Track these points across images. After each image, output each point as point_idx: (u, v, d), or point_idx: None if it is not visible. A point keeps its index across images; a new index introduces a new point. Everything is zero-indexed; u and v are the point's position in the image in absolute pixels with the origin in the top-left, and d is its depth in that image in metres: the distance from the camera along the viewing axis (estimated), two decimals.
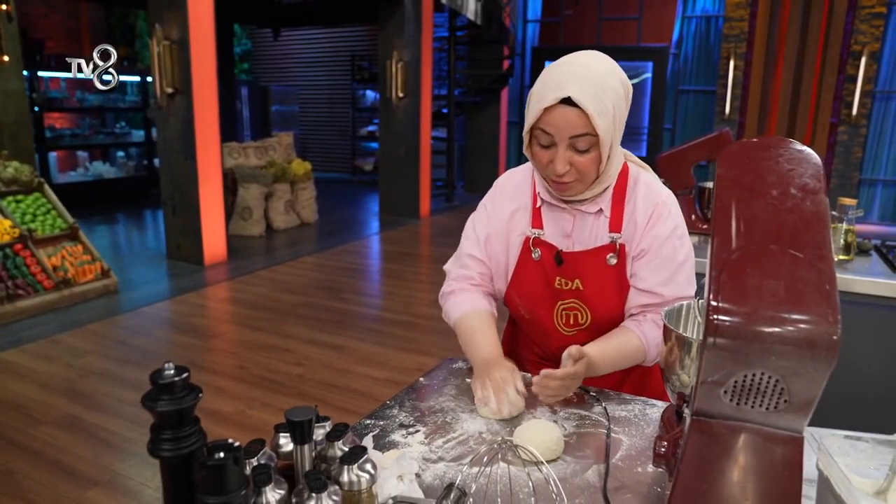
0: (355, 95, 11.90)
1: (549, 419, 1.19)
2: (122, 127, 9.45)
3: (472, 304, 1.45)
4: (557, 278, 1.38)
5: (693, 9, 9.19)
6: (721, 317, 0.73)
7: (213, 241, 5.92)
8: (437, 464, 1.04)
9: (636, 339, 1.32)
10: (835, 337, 0.70)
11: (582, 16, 9.90)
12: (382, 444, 1.10)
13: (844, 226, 2.55)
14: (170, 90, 5.54)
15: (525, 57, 10.39)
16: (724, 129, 2.94)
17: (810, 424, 0.92)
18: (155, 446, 0.69)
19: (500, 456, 1.02)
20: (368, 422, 1.18)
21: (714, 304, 0.74)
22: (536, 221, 1.41)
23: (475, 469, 1.01)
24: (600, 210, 1.36)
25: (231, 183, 7.15)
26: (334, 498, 0.76)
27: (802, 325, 0.71)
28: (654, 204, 1.34)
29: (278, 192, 7.48)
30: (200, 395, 0.71)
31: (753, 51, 8.43)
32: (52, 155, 8.38)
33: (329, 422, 0.93)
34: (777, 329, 0.71)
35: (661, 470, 1.02)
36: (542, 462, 0.87)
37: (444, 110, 9.29)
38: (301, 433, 0.81)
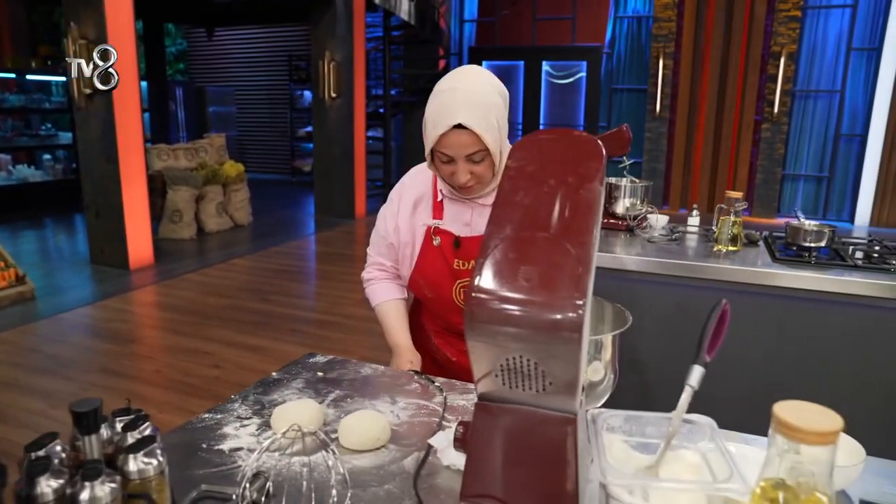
0: (293, 96, 11.78)
1: (386, 409, 1.22)
2: (48, 129, 9.15)
3: (387, 294, 1.74)
4: (456, 260, 1.59)
5: (625, 9, 9.40)
6: (478, 301, 0.77)
7: (139, 244, 5.79)
8: (256, 453, 1.05)
9: None
10: (578, 319, 0.74)
11: (518, 16, 10.01)
12: (213, 437, 1.11)
13: (732, 218, 2.66)
14: (88, 91, 5.39)
15: (462, 56, 10.45)
16: (623, 126, 3.02)
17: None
18: None
19: (321, 445, 1.04)
20: (206, 415, 1.18)
21: (473, 287, 0.77)
22: (437, 213, 1.62)
23: (294, 458, 1.02)
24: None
25: (160, 185, 7.01)
26: (110, 485, 0.77)
27: (549, 308, 0.75)
28: None
29: (210, 195, 7.36)
30: None
31: (681, 50, 8.68)
32: None
33: (138, 414, 0.94)
34: (527, 312, 0.75)
35: None
36: (345, 450, 0.89)
37: (381, 110, 9.28)
38: (86, 424, 0.81)
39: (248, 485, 0.86)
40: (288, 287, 5.60)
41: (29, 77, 8.67)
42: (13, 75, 8.63)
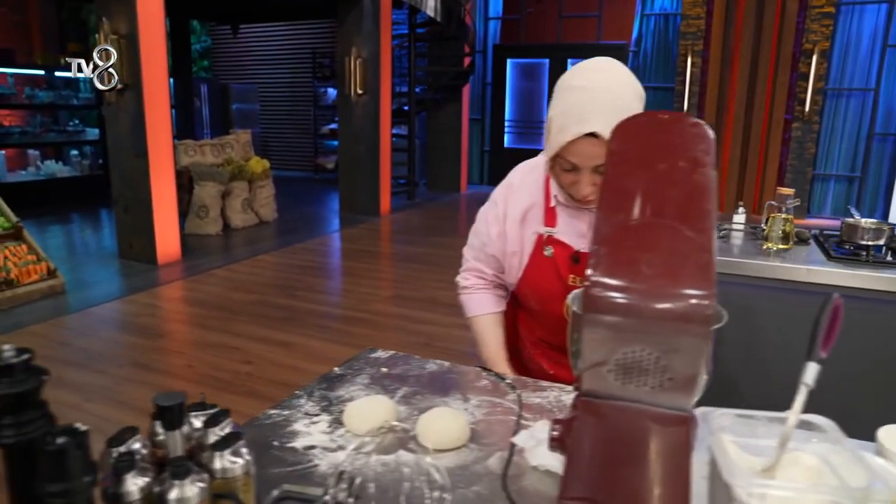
0: (316, 93, 11.79)
1: (459, 407, 1.17)
2: (76, 125, 9.21)
3: (483, 307, 1.60)
4: (572, 276, 1.43)
5: (652, 6, 9.29)
6: (598, 291, 0.71)
7: (167, 239, 5.80)
8: (336, 452, 1.01)
9: None
10: (708, 311, 0.68)
11: (543, 13, 9.94)
12: (283, 434, 1.06)
13: (783, 215, 2.58)
14: (119, 86, 5.40)
15: (487, 54, 10.40)
16: None
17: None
18: None
19: (399, 444, 0.99)
20: (273, 412, 1.14)
21: (591, 278, 0.72)
22: (550, 220, 1.45)
23: (374, 457, 0.98)
24: None
25: (187, 181, 7.02)
26: (199, 485, 0.72)
27: (677, 299, 0.69)
28: None
29: (236, 191, 7.36)
30: (45, 377, 0.67)
31: (710, 48, 8.55)
32: (0, 153, 8.13)
33: (216, 410, 0.89)
34: (652, 303, 0.70)
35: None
36: (432, 450, 0.84)
37: (406, 107, 9.24)
38: (171, 418, 0.77)
39: (339, 485, 0.81)
40: (314, 283, 5.58)
41: (57, 74, 8.73)
42: (42, 72, 8.69)
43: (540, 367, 1.60)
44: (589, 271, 0.73)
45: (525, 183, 1.50)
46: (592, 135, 1.21)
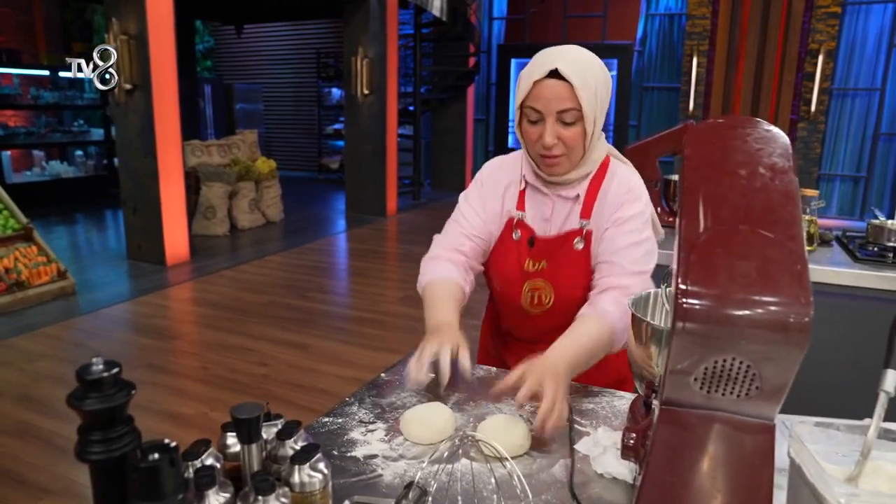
0: (321, 93, 11.77)
1: (514, 413, 1.16)
2: (81, 125, 9.19)
3: (440, 273, 1.47)
4: (528, 260, 1.45)
5: (657, 6, 9.27)
6: (690, 300, 0.70)
7: (175, 240, 5.78)
8: (398, 462, 0.99)
9: (596, 324, 1.27)
10: (807, 319, 0.67)
11: (547, 13, 9.91)
12: (341, 443, 1.05)
13: (806, 216, 2.57)
14: (128, 86, 5.39)
15: (491, 54, 10.37)
16: (689, 122, 2.93)
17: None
18: (83, 449, 0.64)
19: (461, 452, 0.98)
20: (326, 419, 1.12)
21: (683, 286, 0.71)
22: (521, 204, 1.48)
23: (436, 466, 0.96)
24: (577, 196, 1.43)
25: (194, 182, 7.00)
26: (283, 500, 0.71)
27: (774, 308, 0.68)
28: (625, 191, 1.40)
29: (242, 191, 7.34)
30: (133, 391, 0.66)
31: (716, 48, 8.53)
32: (6, 154, 8.10)
33: (281, 420, 0.88)
34: (748, 312, 0.68)
35: (629, 462, 0.98)
36: (505, 457, 0.83)
37: (411, 108, 9.22)
38: (248, 431, 0.76)
39: (409, 496, 0.80)
40: (324, 284, 5.56)
41: (62, 74, 8.70)
42: (47, 72, 8.67)
43: (507, 363, 1.56)
44: (679, 280, 0.71)
45: (504, 166, 1.53)
46: (557, 77, 1.27)
